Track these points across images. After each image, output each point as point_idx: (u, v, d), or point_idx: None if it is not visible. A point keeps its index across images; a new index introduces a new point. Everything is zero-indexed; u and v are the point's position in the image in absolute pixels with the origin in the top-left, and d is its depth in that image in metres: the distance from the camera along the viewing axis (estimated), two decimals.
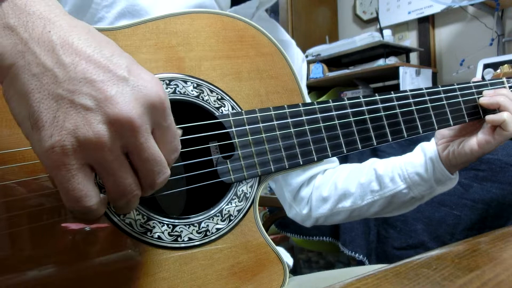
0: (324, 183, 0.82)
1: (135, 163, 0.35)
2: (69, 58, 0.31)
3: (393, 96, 0.60)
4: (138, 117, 0.32)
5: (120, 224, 0.42)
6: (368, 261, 1.40)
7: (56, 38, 0.32)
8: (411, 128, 0.61)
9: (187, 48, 0.50)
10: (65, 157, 0.31)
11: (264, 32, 0.55)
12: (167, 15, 0.49)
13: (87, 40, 0.33)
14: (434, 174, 0.70)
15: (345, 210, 0.79)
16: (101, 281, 0.41)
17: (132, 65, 0.35)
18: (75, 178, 0.32)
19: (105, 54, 0.33)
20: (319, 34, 2.65)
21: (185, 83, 0.49)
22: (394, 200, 0.75)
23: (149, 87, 0.34)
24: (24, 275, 0.38)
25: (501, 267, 0.38)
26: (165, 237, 0.44)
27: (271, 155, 0.51)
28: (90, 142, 0.31)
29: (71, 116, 0.31)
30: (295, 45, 0.88)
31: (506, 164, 1.18)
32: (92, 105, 0.31)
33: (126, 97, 0.32)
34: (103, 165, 0.33)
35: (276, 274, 0.50)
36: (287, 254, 0.87)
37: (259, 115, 0.51)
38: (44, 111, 0.31)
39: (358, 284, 0.34)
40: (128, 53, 0.43)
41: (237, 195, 0.50)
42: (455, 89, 0.67)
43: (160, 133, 0.36)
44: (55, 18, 0.33)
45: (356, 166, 0.81)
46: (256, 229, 0.50)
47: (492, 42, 1.96)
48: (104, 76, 0.32)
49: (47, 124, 0.31)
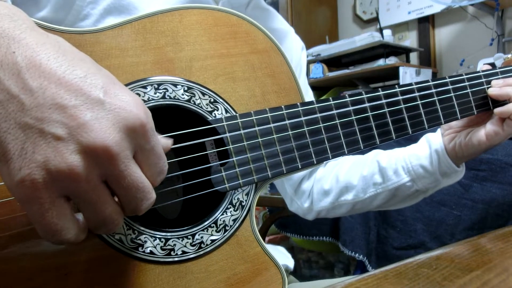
0: (326, 175, 0.80)
1: (115, 191, 0.32)
2: (36, 82, 0.29)
3: (398, 91, 0.57)
4: (116, 144, 0.30)
5: (109, 240, 0.40)
6: (368, 261, 1.40)
7: (21, 59, 0.29)
8: (416, 124, 0.58)
9: (176, 48, 0.47)
10: (36, 191, 0.28)
11: (260, 27, 0.52)
12: (154, 13, 0.46)
13: (57, 59, 0.30)
14: (440, 166, 0.68)
15: (347, 203, 0.77)
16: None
17: (109, 84, 0.31)
18: (48, 213, 0.29)
19: (78, 74, 0.30)
20: (319, 34, 2.65)
21: (175, 87, 0.46)
22: (397, 193, 0.73)
23: (128, 110, 0.31)
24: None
25: (501, 267, 0.38)
26: (158, 251, 0.42)
27: (268, 161, 0.48)
28: (62, 174, 0.28)
29: (40, 147, 0.28)
30: (293, 32, 0.84)
31: (506, 164, 1.17)
32: (63, 133, 0.28)
33: (101, 122, 0.29)
34: (80, 196, 0.30)
35: (274, 283, 0.48)
36: (289, 255, 0.86)
37: (254, 118, 0.48)
38: (11, 142, 0.28)
39: (358, 284, 0.34)
40: (114, 57, 0.39)
41: (233, 203, 0.47)
42: (464, 79, 0.63)
43: (143, 156, 0.33)
44: (21, 36, 0.30)
45: (359, 158, 0.79)
46: (253, 238, 0.48)
47: (492, 42, 1.96)
48: (76, 101, 0.29)
49: (15, 156, 0.28)
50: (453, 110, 0.61)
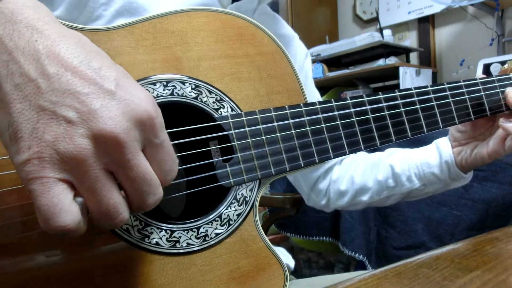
0: (341, 176, 0.85)
1: (121, 182, 0.33)
2: (54, 69, 0.30)
3: (397, 95, 0.59)
4: (124, 132, 0.31)
5: (117, 230, 0.41)
6: (368, 261, 1.40)
7: (42, 47, 0.31)
8: (416, 127, 0.60)
9: (185, 48, 0.48)
10: (41, 169, 0.29)
11: (265, 30, 0.53)
12: (164, 14, 0.48)
13: (75, 50, 0.32)
14: (450, 175, 0.73)
15: (363, 202, 0.83)
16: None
17: (121, 78, 0.33)
18: (50, 192, 0.29)
19: (92, 66, 0.32)
20: (319, 34, 2.65)
21: (183, 84, 0.47)
22: (410, 195, 0.79)
23: (137, 102, 0.32)
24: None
25: (501, 267, 0.38)
26: (163, 242, 0.43)
27: (271, 158, 0.50)
28: (70, 156, 0.29)
29: (51, 128, 0.29)
30: (297, 39, 0.87)
31: (506, 164, 1.18)
32: (74, 117, 0.30)
33: (111, 111, 0.31)
34: (84, 182, 0.31)
35: (276, 278, 0.49)
36: (289, 255, 0.87)
37: (259, 116, 0.50)
38: (23, 122, 0.29)
39: (358, 284, 0.34)
40: (125, 54, 0.41)
41: (237, 199, 0.49)
42: (461, 86, 0.65)
43: (152, 151, 0.34)
44: (44, 27, 0.32)
45: (373, 160, 0.84)
46: (256, 233, 0.49)
47: (492, 42, 1.96)
48: (89, 89, 0.31)
49: (25, 135, 0.29)
50: (451, 115, 0.64)
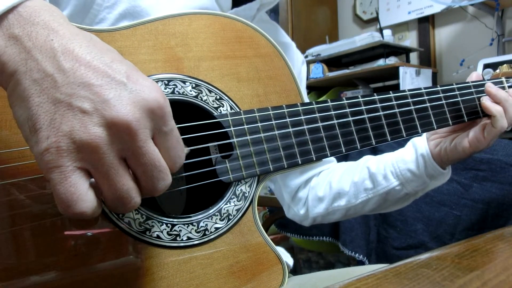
0: (320, 183, 0.84)
1: (133, 168, 0.35)
2: (69, 64, 0.33)
3: (392, 96, 0.60)
4: (136, 120, 0.33)
5: (118, 223, 0.42)
6: (368, 261, 1.40)
7: (57, 45, 0.33)
8: (410, 128, 0.61)
9: (185, 49, 0.50)
10: (59, 158, 0.31)
11: (263, 33, 0.55)
12: (166, 16, 0.50)
13: (88, 47, 0.34)
14: (426, 170, 0.71)
15: (340, 209, 0.80)
16: (99, 280, 0.41)
17: (132, 71, 0.35)
18: (68, 180, 0.32)
19: (104, 61, 0.34)
20: (319, 34, 2.65)
21: (184, 83, 0.49)
22: (388, 197, 0.76)
23: (147, 92, 0.34)
24: (24, 277, 0.38)
25: (501, 267, 0.38)
26: (164, 236, 0.44)
27: (269, 155, 0.51)
28: (85, 144, 0.32)
29: (67, 118, 0.32)
30: (295, 47, 0.88)
31: (506, 164, 1.18)
32: (89, 108, 0.32)
33: (123, 100, 0.33)
34: (99, 169, 0.33)
35: (275, 273, 0.50)
36: (287, 254, 0.88)
37: (257, 114, 0.51)
38: (42, 114, 0.32)
39: (358, 284, 0.34)
40: (127, 54, 0.43)
41: (236, 194, 0.50)
42: (454, 89, 0.67)
43: (161, 139, 0.36)
44: (59, 27, 0.34)
45: (350, 165, 0.83)
46: (255, 228, 0.50)
47: (492, 42, 1.96)
48: (102, 81, 0.33)
49: (44, 126, 0.31)
50: (444, 116, 0.65)
